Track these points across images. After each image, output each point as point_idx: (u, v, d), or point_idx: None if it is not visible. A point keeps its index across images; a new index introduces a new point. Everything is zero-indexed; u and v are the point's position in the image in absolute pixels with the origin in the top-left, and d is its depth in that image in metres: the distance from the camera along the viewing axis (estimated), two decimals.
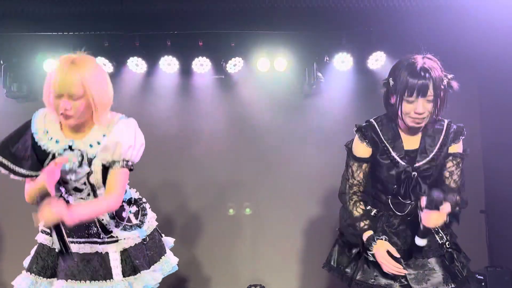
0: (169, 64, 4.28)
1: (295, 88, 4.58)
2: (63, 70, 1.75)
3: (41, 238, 1.93)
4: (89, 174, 1.80)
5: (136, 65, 4.24)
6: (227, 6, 3.77)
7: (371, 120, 2.25)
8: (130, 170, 1.87)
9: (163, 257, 2.01)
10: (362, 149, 2.18)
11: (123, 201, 1.93)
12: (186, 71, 4.43)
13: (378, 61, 4.34)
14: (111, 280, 1.83)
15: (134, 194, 2.09)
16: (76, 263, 1.83)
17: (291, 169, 4.52)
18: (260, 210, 4.51)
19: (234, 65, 4.38)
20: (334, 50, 4.30)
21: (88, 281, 1.80)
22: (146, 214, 2.03)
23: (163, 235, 2.18)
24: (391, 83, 2.08)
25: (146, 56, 4.23)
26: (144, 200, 2.09)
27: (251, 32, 4.14)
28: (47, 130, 1.82)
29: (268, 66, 4.36)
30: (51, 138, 1.81)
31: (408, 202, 2.15)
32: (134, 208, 2.01)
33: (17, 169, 1.73)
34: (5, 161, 1.70)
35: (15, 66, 4.29)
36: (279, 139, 4.56)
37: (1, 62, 4.26)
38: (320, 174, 4.42)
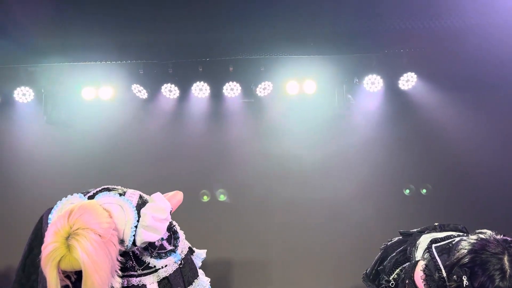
0: (200, 89, 4.39)
1: (325, 110, 4.59)
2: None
3: None
4: None
5: (169, 91, 4.37)
6: (256, 33, 3.86)
7: None
8: None
9: (196, 280, 2.03)
10: None
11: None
12: (217, 96, 4.53)
13: (409, 82, 4.32)
14: None
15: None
16: None
17: (321, 192, 4.49)
18: (293, 232, 4.48)
19: (264, 88, 4.45)
20: (364, 72, 4.31)
21: None
22: (178, 238, 2.06)
23: (194, 249, 2.20)
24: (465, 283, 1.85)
25: (178, 82, 4.36)
26: (174, 222, 2.11)
27: (280, 57, 4.19)
28: None
29: (298, 89, 4.40)
30: None
31: None
32: (165, 234, 2.02)
33: None
34: None
35: (55, 94, 4.50)
36: (309, 161, 4.55)
37: (42, 90, 4.47)
38: (350, 197, 4.38)
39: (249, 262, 4.36)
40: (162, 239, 1.99)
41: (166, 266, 1.94)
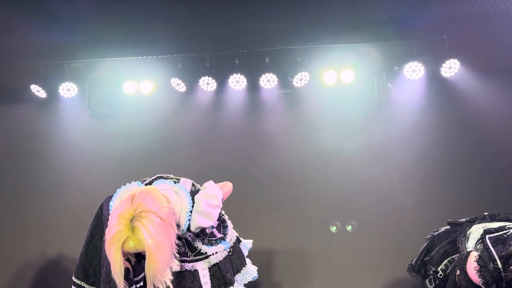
0: (237, 81, 4.42)
1: (364, 99, 4.51)
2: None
3: None
4: None
5: (207, 83, 4.42)
6: (292, 23, 3.82)
7: None
8: None
9: (244, 267, 2.10)
10: None
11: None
12: (253, 87, 4.54)
13: (452, 69, 4.17)
14: None
15: None
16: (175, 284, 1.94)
17: (360, 183, 4.43)
18: (333, 223, 4.45)
19: (300, 79, 4.42)
20: (404, 59, 4.19)
21: None
22: (227, 226, 2.14)
23: (241, 239, 2.25)
24: None
25: (216, 75, 4.40)
26: (222, 212, 2.16)
27: (317, 46, 4.15)
28: None
29: (335, 78, 4.35)
30: None
31: None
32: (215, 223, 2.10)
33: None
34: None
35: (97, 89, 4.65)
36: (347, 152, 4.50)
37: (85, 85, 4.64)
38: (390, 187, 4.30)
39: (290, 252, 4.38)
40: (212, 227, 2.07)
41: (216, 253, 2.02)
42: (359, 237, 4.38)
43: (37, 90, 4.59)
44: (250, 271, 2.11)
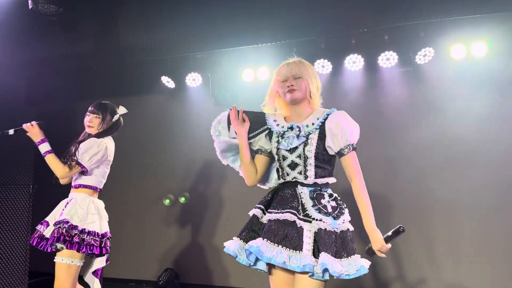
0: (354, 62, 4.30)
1: (498, 75, 4.06)
2: (286, 65, 2.27)
3: (254, 211, 2.21)
4: (305, 145, 2.15)
5: (322, 66, 4.37)
6: None
7: None
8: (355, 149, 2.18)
9: (351, 256, 2.04)
10: None
11: (325, 191, 2.15)
12: (372, 67, 4.38)
13: None
14: (300, 252, 1.95)
15: (337, 196, 2.21)
16: (276, 228, 2.03)
17: (492, 168, 4.03)
18: (457, 207, 4.14)
19: (424, 55, 4.13)
20: None
21: (280, 246, 1.97)
22: (343, 214, 2.12)
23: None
24: None
25: (331, 57, 4.34)
26: (344, 205, 2.19)
27: (442, 19, 3.82)
28: (275, 119, 2.35)
29: (464, 53, 3.98)
30: (278, 124, 2.31)
31: None
32: (333, 203, 2.13)
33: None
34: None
35: (219, 78, 4.92)
36: (478, 134, 4.10)
37: (209, 75, 4.94)
38: None
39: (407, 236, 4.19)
40: (328, 202, 2.12)
41: (320, 221, 2.05)
42: (487, 224, 4.00)
43: (167, 81, 5.02)
44: (356, 262, 2.02)
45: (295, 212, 2.05)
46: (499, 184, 4.00)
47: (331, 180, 2.19)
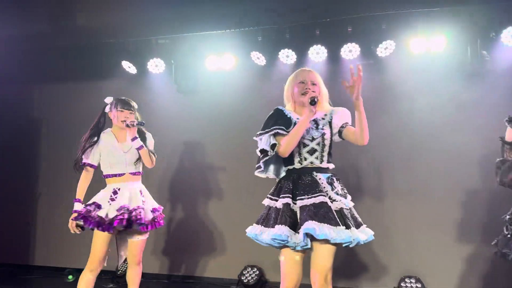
0: (317, 53, 4.33)
1: (455, 69, 4.19)
2: (305, 71, 2.70)
3: (283, 201, 2.47)
4: (323, 135, 2.58)
5: (286, 56, 4.39)
6: None
7: None
8: None
9: (361, 227, 2.48)
10: None
11: (334, 176, 2.57)
12: (334, 59, 4.42)
13: None
14: (339, 226, 2.33)
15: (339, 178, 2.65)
16: (314, 210, 2.35)
17: (447, 157, 4.18)
18: (412, 198, 4.28)
19: (385, 48, 4.22)
20: (502, 23, 3.82)
21: (325, 224, 2.31)
22: (347, 193, 2.57)
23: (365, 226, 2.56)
24: None
25: (295, 47, 4.35)
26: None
27: (404, 12, 3.90)
28: (290, 112, 2.68)
29: (424, 46, 4.08)
30: (298, 118, 2.63)
31: None
32: (340, 185, 2.58)
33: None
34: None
35: (182, 64, 4.83)
36: (435, 126, 4.24)
37: (172, 61, 4.84)
38: (481, 165, 4.00)
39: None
40: (339, 184, 2.58)
41: (340, 201, 2.46)
42: (444, 210, 4.17)
43: (128, 66, 4.89)
44: (365, 230, 2.47)
45: (324, 195, 2.41)
46: (454, 174, 4.16)
47: (332, 165, 2.63)
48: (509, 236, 2.41)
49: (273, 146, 2.54)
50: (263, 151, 2.57)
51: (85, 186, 3.24)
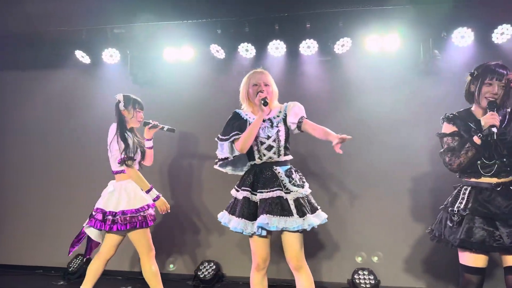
0: (277, 48, 4.36)
1: (408, 67, 4.35)
2: (258, 73, 2.92)
3: (244, 194, 2.80)
4: (278, 132, 2.84)
5: (246, 50, 4.38)
6: None
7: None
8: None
9: (316, 211, 2.79)
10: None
11: (292, 168, 2.87)
12: (293, 54, 4.46)
13: (504, 35, 3.93)
14: (292, 216, 2.65)
15: (297, 170, 2.94)
16: (270, 204, 2.69)
17: (400, 153, 4.33)
18: (368, 195, 4.40)
19: (342, 45, 4.29)
20: (453, 24, 3.99)
21: (278, 216, 2.65)
22: (304, 182, 2.86)
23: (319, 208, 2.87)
24: None
25: (255, 41, 4.35)
26: (301, 174, 2.94)
27: (359, 9, 3.98)
28: (246, 114, 2.99)
29: (379, 45, 4.19)
30: (252, 118, 2.94)
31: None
32: (298, 175, 2.88)
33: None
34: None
35: (139, 55, 4.71)
36: (390, 122, 4.38)
37: (128, 52, 4.71)
38: (432, 156, 4.17)
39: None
40: (297, 175, 2.88)
41: (296, 191, 2.76)
42: (389, 204, 4.32)
43: (81, 56, 4.71)
44: (320, 214, 2.78)
45: (281, 188, 2.73)
46: (407, 164, 4.32)
47: (290, 157, 2.92)
48: (455, 227, 2.53)
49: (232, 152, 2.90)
50: (224, 159, 2.93)
51: None
